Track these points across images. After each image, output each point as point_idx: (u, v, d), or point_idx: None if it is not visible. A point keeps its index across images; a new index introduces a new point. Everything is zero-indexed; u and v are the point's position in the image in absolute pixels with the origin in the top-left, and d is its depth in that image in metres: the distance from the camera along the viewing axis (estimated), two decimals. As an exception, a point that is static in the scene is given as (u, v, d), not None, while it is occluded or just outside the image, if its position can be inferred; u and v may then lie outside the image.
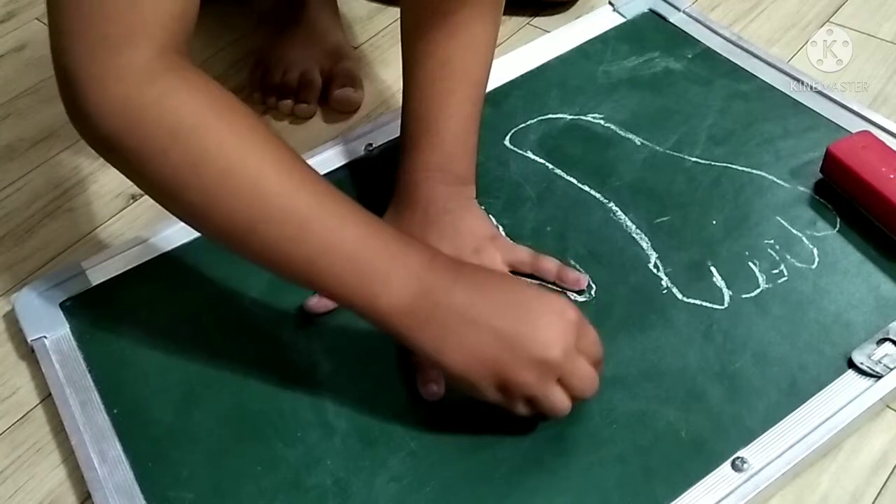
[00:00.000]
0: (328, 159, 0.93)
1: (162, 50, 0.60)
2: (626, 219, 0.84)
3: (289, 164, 0.63)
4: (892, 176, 0.79)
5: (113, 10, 0.59)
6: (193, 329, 0.79)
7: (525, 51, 1.03)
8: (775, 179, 0.86)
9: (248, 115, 0.64)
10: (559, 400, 0.65)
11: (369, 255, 0.63)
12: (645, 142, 0.91)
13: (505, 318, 0.63)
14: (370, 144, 0.94)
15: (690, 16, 1.04)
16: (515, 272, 0.79)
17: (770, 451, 0.67)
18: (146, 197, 0.76)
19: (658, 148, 0.90)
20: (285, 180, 0.62)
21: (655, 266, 0.80)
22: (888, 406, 0.71)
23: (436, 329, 0.64)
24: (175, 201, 0.64)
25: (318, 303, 0.77)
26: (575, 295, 0.79)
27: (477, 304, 0.64)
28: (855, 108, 0.91)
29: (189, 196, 0.62)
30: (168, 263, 0.85)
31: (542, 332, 0.63)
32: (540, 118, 0.95)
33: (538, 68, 1.01)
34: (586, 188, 0.88)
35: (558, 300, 0.66)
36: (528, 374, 0.63)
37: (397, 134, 0.86)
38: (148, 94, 0.60)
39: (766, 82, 0.95)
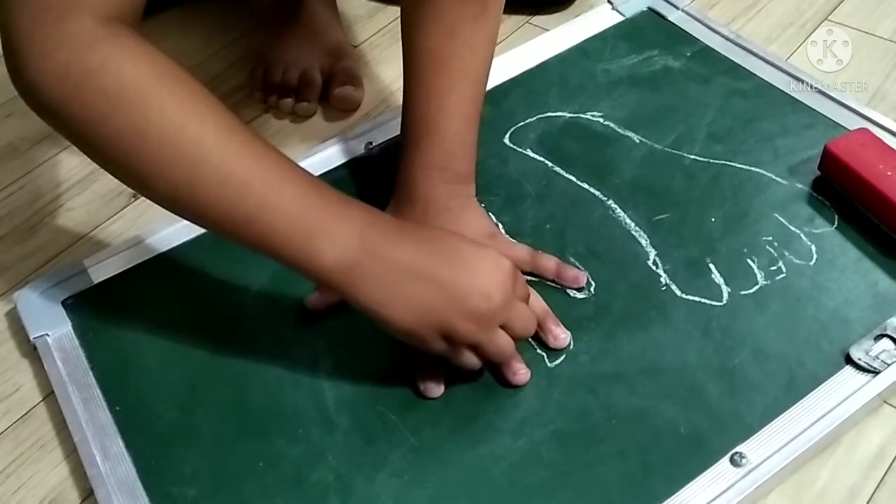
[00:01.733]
0: (328, 158, 0.94)
1: (105, 19, 0.61)
2: (626, 216, 0.85)
3: (229, 128, 0.64)
4: (889, 173, 0.80)
5: None
6: (195, 326, 0.79)
7: (524, 49, 1.03)
8: (774, 177, 0.87)
9: (189, 81, 0.64)
10: (504, 343, 0.68)
11: (311, 213, 0.65)
12: (644, 140, 0.91)
13: (447, 271, 0.66)
14: (370, 143, 0.95)
15: (689, 14, 1.04)
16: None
17: (768, 446, 0.67)
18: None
19: (657, 146, 0.91)
20: (225, 143, 0.63)
21: (654, 263, 0.81)
22: (886, 402, 0.72)
23: (380, 284, 0.65)
24: (119, 167, 0.65)
25: (318, 299, 0.78)
26: (575, 292, 0.79)
27: (420, 258, 0.66)
28: (853, 105, 0.91)
29: (132, 161, 0.63)
30: (169, 261, 0.85)
31: (481, 284, 0.66)
32: (539, 116, 0.95)
33: (537, 67, 1.01)
34: (585, 186, 0.88)
35: (491, 252, 0.68)
36: (471, 324, 0.66)
37: (397, 132, 0.86)
38: (89, 61, 0.60)
39: (764, 80, 0.96)
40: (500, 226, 0.85)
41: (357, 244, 0.65)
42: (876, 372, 0.71)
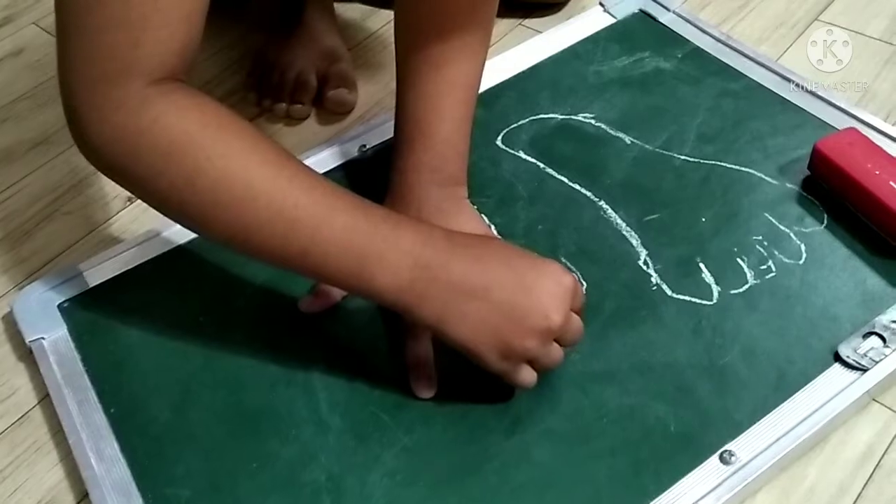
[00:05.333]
0: (322, 160, 0.94)
1: (158, 80, 0.64)
2: (617, 217, 0.85)
3: (275, 164, 0.66)
4: (877, 172, 0.80)
5: (114, 49, 0.62)
6: (189, 328, 0.80)
7: (517, 52, 1.04)
8: (763, 176, 0.87)
9: (235, 124, 0.66)
10: (557, 355, 0.68)
11: (361, 240, 0.66)
12: (635, 140, 0.92)
13: (504, 290, 0.66)
14: (364, 145, 0.95)
15: (680, 16, 1.05)
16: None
17: (757, 443, 0.68)
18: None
19: (648, 146, 0.91)
20: (272, 181, 0.65)
21: (645, 263, 0.81)
22: (874, 399, 0.72)
23: (437, 303, 0.66)
24: (178, 215, 0.68)
25: (311, 303, 0.79)
26: (566, 292, 0.80)
27: (475, 276, 0.66)
28: (842, 105, 0.92)
29: (188, 210, 0.66)
30: (164, 264, 0.86)
31: (541, 302, 0.66)
32: (531, 118, 0.96)
33: (530, 69, 1.02)
34: (577, 187, 0.89)
35: (552, 267, 0.68)
36: (531, 341, 0.66)
37: (390, 135, 0.87)
38: (142, 121, 0.63)
39: (755, 81, 0.96)
40: (493, 227, 0.85)
41: (409, 267, 0.66)
42: (864, 369, 0.71)
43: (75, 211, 0.96)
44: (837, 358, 0.72)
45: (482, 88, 0.86)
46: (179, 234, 0.86)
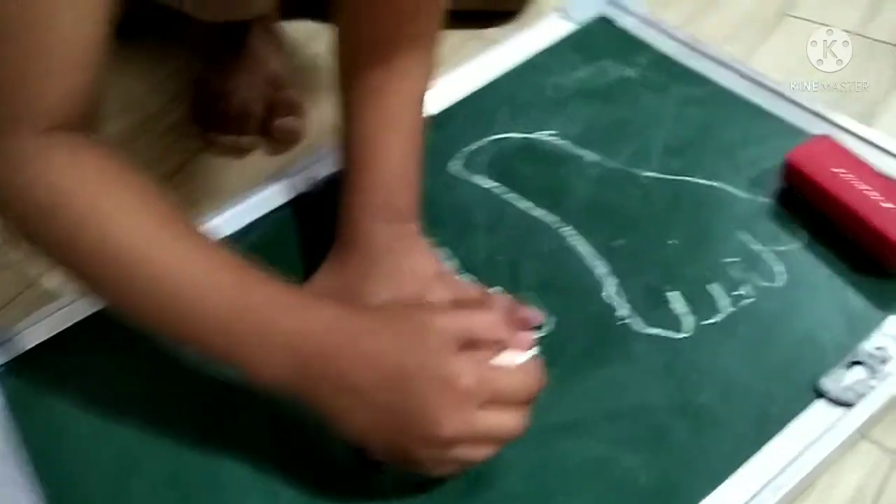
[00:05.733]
0: (270, 197, 0.89)
1: (48, 130, 0.60)
2: (581, 243, 0.80)
3: (161, 228, 0.61)
4: (852, 182, 0.75)
5: (3, 96, 0.59)
6: (130, 393, 0.75)
7: (471, 67, 0.98)
8: (735, 191, 0.82)
9: (124, 179, 0.62)
10: (478, 456, 0.60)
11: (238, 328, 0.60)
12: (599, 158, 0.87)
13: (390, 394, 0.58)
14: (314, 178, 0.90)
15: (643, 19, 0.99)
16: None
17: (737, 497, 0.63)
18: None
19: (612, 164, 0.86)
20: (154, 246, 0.61)
21: (612, 294, 0.76)
22: (863, 436, 0.67)
23: (321, 401, 0.60)
24: (67, 275, 0.64)
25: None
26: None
27: (357, 376, 0.59)
28: (816, 109, 0.86)
29: (70, 270, 0.63)
30: (104, 321, 0.79)
31: (429, 411, 0.57)
32: (488, 139, 0.90)
33: (486, 86, 0.96)
34: (539, 212, 0.83)
35: (449, 363, 0.58)
36: (425, 452, 0.59)
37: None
38: (26, 175, 0.60)
39: (723, 86, 0.91)
40: (451, 262, 0.80)
41: (290, 363, 0.59)
42: (850, 405, 0.66)
43: (14, 264, 0.91)
44: (820, 393, 0.67)
45: (434, 109, 0.81)
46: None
